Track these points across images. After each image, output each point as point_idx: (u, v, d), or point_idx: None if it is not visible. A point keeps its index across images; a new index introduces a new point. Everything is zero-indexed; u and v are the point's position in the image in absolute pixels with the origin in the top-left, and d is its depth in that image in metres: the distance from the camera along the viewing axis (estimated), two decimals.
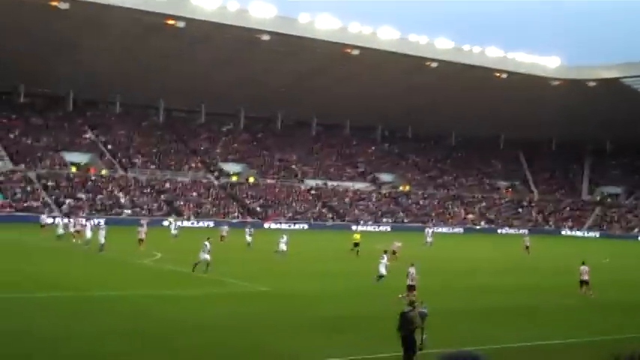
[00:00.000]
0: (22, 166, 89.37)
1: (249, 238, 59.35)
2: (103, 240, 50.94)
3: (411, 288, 33.13)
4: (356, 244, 57.23)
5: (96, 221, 68.28)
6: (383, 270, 38.85)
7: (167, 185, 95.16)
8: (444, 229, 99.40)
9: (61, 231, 59.82)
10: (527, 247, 66.36)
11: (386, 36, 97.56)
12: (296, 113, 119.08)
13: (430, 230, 75.81)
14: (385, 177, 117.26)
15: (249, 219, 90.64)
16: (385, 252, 41.01)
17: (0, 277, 36.14)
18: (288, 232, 56.05)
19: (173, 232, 67.01)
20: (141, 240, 54.15)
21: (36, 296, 31.56)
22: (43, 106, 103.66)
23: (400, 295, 31.77)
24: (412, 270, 34.38)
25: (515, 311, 32.86)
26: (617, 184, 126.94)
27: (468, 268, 50.99)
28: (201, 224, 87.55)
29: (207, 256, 40.37)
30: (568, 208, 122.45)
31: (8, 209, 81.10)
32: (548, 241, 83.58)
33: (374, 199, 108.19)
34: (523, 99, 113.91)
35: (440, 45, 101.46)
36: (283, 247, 51.28)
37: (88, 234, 54.21)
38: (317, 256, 57.01)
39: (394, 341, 22.39)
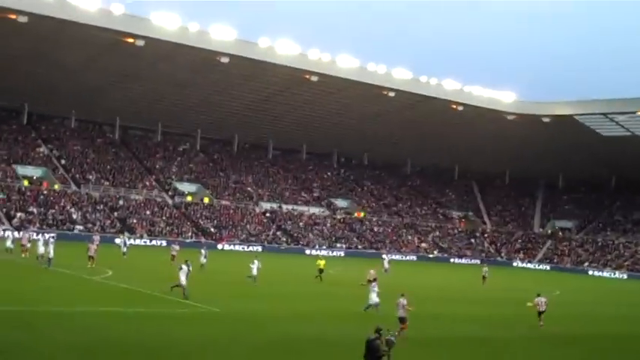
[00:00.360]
0: None
1: (203, 260, 57.54)
2: (52, 254, 50.21)
3: (402, 320, 31.04)
4: (321, 271, 55.68)
5: (47, 235, 67.26)
6: (376, 298, 37.80)
7: (120, 202, 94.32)
8: (397, 257, 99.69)
9: (9, 244, 58.93)
10: (484, 277, 66.56)
11: (345, 64, 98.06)
12: (253, 136, 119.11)
13: (387, 257, 75.75)
14: (340, 203, 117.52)
15: (202, 239, 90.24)
16: (375, 280, 39.99)
17: None
18: (260, 257, 53.62)
19: (124, 249, 66.11)
20: (91, 257, 53.05)
21: None
22: None
23: (397, 332, 30.66)
24: (403, 301, 31.92)
25: (481, 341, 33.11)
26: (568, 219, 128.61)
27: (431, 296, 50.61)
28: (154, 243, 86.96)
29: (184, 279, 38.67)
30: (520, 240, 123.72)
31: None
32: (501, 272, 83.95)
33: (328, 224, 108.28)
34: (478, 131, 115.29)
35: (398, 75, 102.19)
36: (254, 271, 49.28)
37: (41, 249, 53.30)
38: (271, 278, 56.47)
39: None
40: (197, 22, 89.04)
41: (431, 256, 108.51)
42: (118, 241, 74.72)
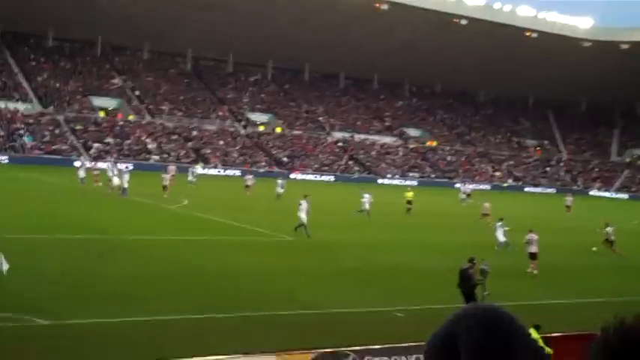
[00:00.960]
0: (51, 109, 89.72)
1: (280, 190, 56.43)
2: (126, 184, 50.68)
3: (533, 256, 30.52)
4: (409, 202, 53.48)
5: (122, 166, 68.15)
6: (503, 237, 37.24)
7: (194, 133, 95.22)
8: (471, 186, 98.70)
9: (82, 174, 59.47)
10: (568, 207, 65.46)
11: None
12: (324, 66, 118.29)
13: (466, 186, 75.04)
14: (412, 132, 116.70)
15: (275, 169, 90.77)
16: (501, 219, 39.01)
17: (31, 219, 36.42)
18: (371, 190, 51.82)
19: (190, 178, 65.07)
20: (165, 186, 52.80)
21: (66, 238, 31.71)
22: (72, 50, 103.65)
23: (529, 270, 29.96)
24: (534, 236, 31.16)
25: (558, 269, 32.72)
26: None
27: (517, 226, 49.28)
28: (228, 172, 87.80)
29: (304, 216, 36.97)
30: (597, 169, 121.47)
31: (37, 151, 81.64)
32: (577, 202, 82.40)
33: (400, 154, 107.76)
34: (553, 59, 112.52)
35: (470, 2, 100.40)
36: (366, 206, 47.45)
37: (116, 179, 54.00)
38: (345, 208, 55.34)
39: (416, 294, 22.35)
40: None
41: (505, 185, 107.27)
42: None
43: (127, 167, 66.50)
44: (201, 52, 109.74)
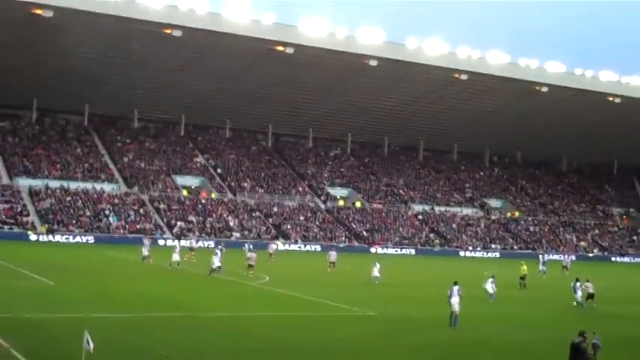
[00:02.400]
0: (136, 189, 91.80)
1: (377, 274, 50.43)
2: (217, 264, 49.50)
3: (592, 296, 41.21)
4: (522, 277, 52.22)
5: (207, 243, 68.53)
6: None
7: (275, 209, 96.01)
8: (555, 257, 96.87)
9: (145, 252, 59.80)
10: None
11: (495, 60, 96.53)
12: (403, 138, 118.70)
13: (565, 258, 73.29)
14: (494, 203, 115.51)
15: (355, 243, 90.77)
16: None
17: (117, 297, 37.03)
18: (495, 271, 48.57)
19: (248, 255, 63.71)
20: (250, 266, 51.75)
21: (150, 315, 32.06)
22: (156, 130, 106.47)
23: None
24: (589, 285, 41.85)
25: None
26: None
27: (611, 297, 47.16)
28: (308, 248, 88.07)
29: (457, 306, 32.27)
30: None
31: (122, 231, 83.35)
32: None
33: (482, 225, 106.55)
34: (638, 123, 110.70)
35: (551, 69, 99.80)
36: (490, 289, 43.00)
37: (175, 256, 54.85)
38: (426, 281, 55.52)
39: None
40: (345, 26, 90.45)
41: (591, 255, 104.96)
42: (273, 246, 75.01)
43: (214, 246, 67.06)
44: (281, 128, 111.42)
